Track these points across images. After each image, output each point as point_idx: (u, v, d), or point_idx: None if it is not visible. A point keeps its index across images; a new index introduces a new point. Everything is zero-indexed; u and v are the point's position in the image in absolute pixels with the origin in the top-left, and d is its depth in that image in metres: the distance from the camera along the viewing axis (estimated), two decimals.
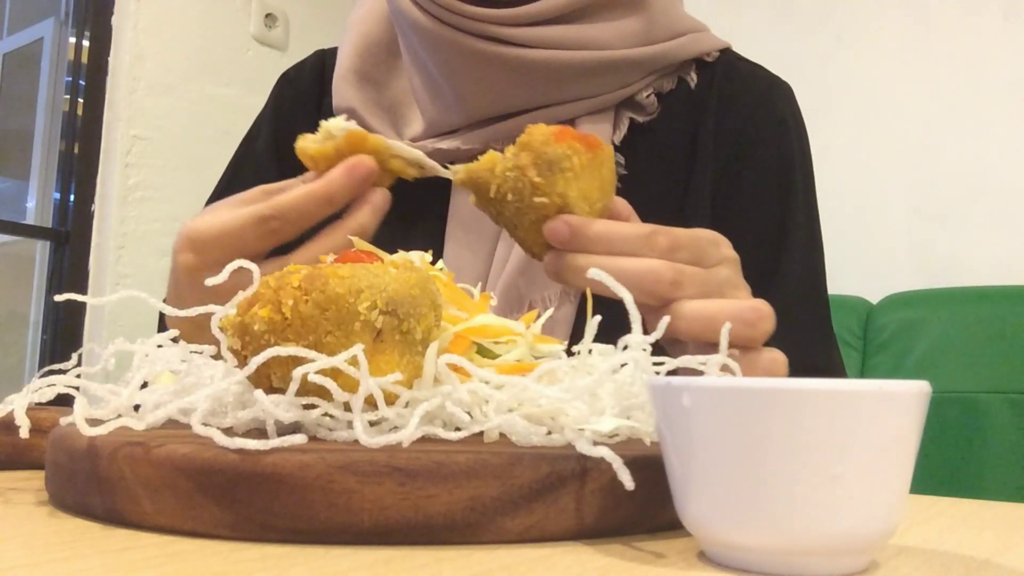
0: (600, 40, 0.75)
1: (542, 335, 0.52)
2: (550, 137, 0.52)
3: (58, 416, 0.43)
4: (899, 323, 1.85)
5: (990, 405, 1.69)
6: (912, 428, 0.31)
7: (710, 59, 0.81)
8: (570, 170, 0.51)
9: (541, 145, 0.51)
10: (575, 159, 0.51)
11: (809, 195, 0.81)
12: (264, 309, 0.38)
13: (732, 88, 0.81)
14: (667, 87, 0.80)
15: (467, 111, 0.77)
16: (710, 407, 0.31)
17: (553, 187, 0.51)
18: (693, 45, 0.80)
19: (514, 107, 0.76)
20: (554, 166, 0.51)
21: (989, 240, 2.05)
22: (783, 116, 0.81)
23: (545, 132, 0.52)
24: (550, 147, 0.51)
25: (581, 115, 0.77)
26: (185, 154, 2.40)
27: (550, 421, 0.40)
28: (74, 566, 0.29)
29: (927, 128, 2.15)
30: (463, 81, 0.76)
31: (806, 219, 0.79)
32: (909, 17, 2.20)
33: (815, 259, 0.79)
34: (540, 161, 0.51)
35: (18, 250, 2.62)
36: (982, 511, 0.51)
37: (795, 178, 0.80)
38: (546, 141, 0.51)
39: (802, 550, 0.30)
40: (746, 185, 0.78)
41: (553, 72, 0.74)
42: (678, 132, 0.79)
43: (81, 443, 0.37)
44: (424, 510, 0.33)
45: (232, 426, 0.38)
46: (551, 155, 0.51)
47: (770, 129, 0.80)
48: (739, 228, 0.75)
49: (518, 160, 0.52)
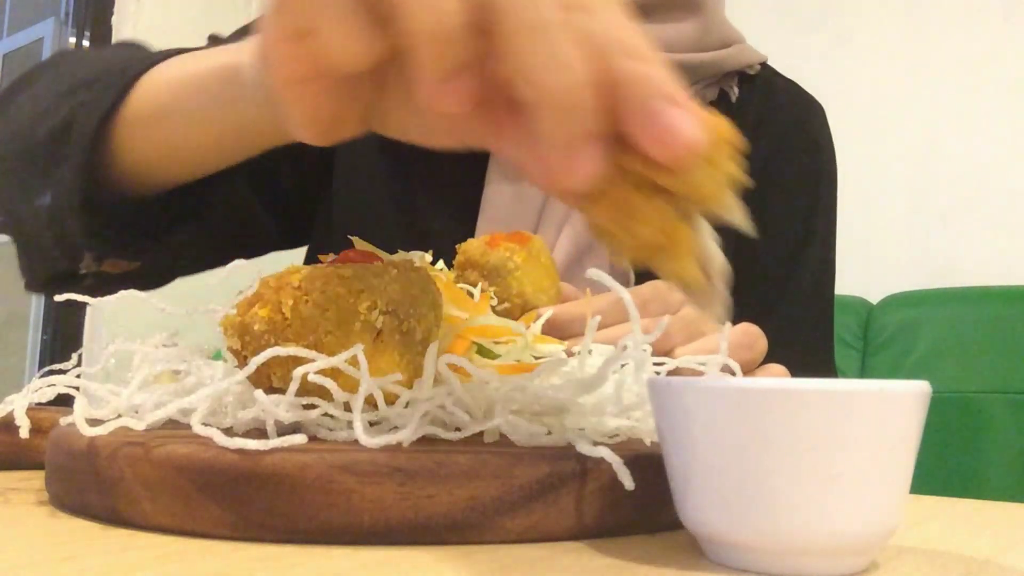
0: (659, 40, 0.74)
1: (542, 335, 0.52)
2: (484, 247, 0.55)
3: (58, 416, 0.43)
4: (899, 323, 1.85)
5: (990, 405, 1.69)
6: (911, 428, 0.31)
7: (752, 72, 0.80)
8: (516, 268, 0.54)
9: (480, 257, 0.55)
10: (515, 258, 0.55)
11: (830, 215, 0.82)
12: (264, 309, 0.38)
13: (769, 105, 0.80)
14: (709, 98, 0.78)
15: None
16: (710, 407, 0.31)
17: (509, 290, 0.54)
18: (740, 56, 0.79)
19: None
20: (500, 271, 0.54)
21: (989, 240, 2.05)
22: (816, 138, 0.82)
23: (479, 244, 0.55)
24: (490, 255, 0.54)
25: None
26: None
27: (550, 421, 0.40)
28: (74, 566, 0.29)
29: (927, 128, 2.15)
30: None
31: (824, 238, 0.80)
32: (909, 17, 2.20)
33: (826, 278, 0.81)
34: (487, 271, 0.54)
35: None
36: (982, 511, 0.51)
37: (821, 197, 0.80)
38: (484, 252, 0.55)
39: (802, 550, 0.30)
40: (772, 207, 0.78)
41: None
42: None
43: (81, 443, 0.37)
44: (424, 510, 0.33)
45: (232, 426, 0.38)
46: (493, 262, 0.54)
47: (802, 151, 0.80)
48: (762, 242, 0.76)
49: (466, 279, 0.55)
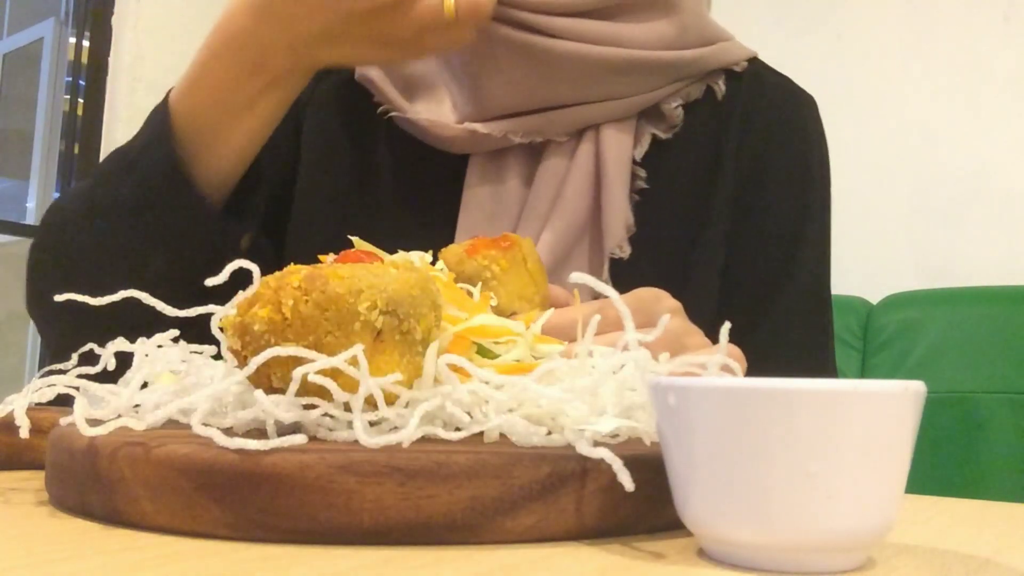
0: (633, 39, 0.73)
1: (542, 335, 0.52)
2: (462, 255, 0.54)
3: (58, 416, 0.43)
4: (899, 323, 1.85)
5: (990, 405, 1.69)
6: (905, 428, 0.31)
7: (739, 69, 0.79)
8: (493, 279, 0.54)
9: (457, 265, 0.54)
10: (493, 267, 0.54)
11: (825, 210, 0.81)
12: (264, 309, 0.38)
13: (758, 101, 0.79)
14: (694, 95, 0.78)
15: (486, 104, 0.74)
16: (710, 407, 0.31)
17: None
18: (723, 54, 0.78)
19: (536, 103, 0.74)
20: (474, 280, 0.53)
21: (989, 240, 2.05)
22: (806, 131, 0.81)
23: (457, 252, 0.54)
24: (465, 264, 0.54)
25: (602, 121, 0.74)
26: None
27: (550, 421, 0.40)
28: (74, 566, 0.29)
29: (927, 128, 2.15)
30: (485, 71, 0.73)
31: (819, 233, 0.80)
32: (909, 17, 2.20)
33: (823, 273, 0.80)
34: (463, 280, 0.53)
35: (18, 250, 2.62)
36: (982, 511, 0.51)
37: (814, 192, 0.80)
38: (460, 260, 0.54)
39: (798, 547, 0.31)
40: (766, 197, 0.78)
41: (581, 67, 0.72)
42: (702, 145, 0.77)
43: (81, 443, 0.37)
44: (424, 510, 0.33)
45: (232, 426, 0.38)
46: (468, 272, 0.53)
47: (793, 144, 0.80)
48: (754, 245, 0.76)
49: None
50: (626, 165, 0.74)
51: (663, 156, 0.77)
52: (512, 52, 0.71)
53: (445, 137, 0.75)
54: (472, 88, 0.74)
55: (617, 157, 0.73)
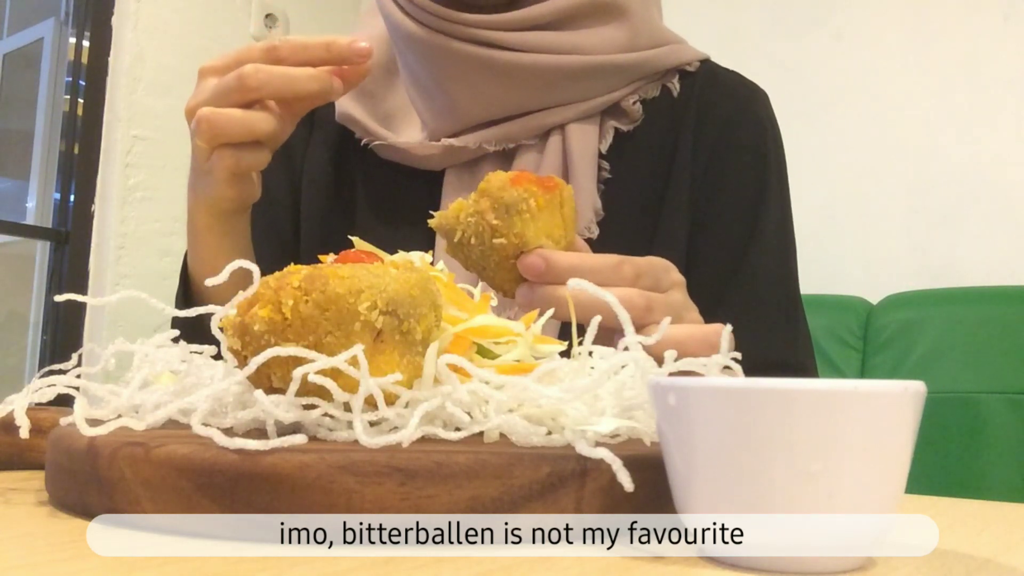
0: (587, 46, 0.79)
1: (542, 335, 0.52)
2: (507, 182, 0.55)
3: (58, 416, 0.43)
4: (899, 323, 1.85)
5: (990, 405, 1.69)
6: (904, 427, 0.31)
7: (692, 69, 0.85)
8: (527, 212, 0.55)
9: (498, 191, 0.55)
10: (531, 201, 0.55)
11: (783, 195, 0.85)
12: (264, 309, 0.38)
13: (713, 94, 0.84)
14: (651, 94, 0.83)
15: (459, 117, 0.80)
16: (710, 407, 0.31)
17: (511, 228, 0.55)
18: (675, 55, 0.84)
19: (505, 112, 0.79)
20: (511, 209, 0.55)
21: (989, 240, 2.05)
22: (760, 120, 0.85)
23: (502, 178, 0.56)
24: (506, 192, 0.55)
25: (569, 120, 0.80)
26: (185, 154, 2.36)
27: (550, 421, 0.40)
28: (74, 566, 0.29)
29: (927, 128, 2.15)
30: (455, 87, 0.78)
31: (779, 218, 0.83)
32: (909, 17, 2.20)
33: (786, 257, 0.83)
34: (498, 205, 0.55)
35: (18, 250, 2.62)
36: (982, 511, 0.51)
37: (770, 178, 0.84)
38: (503, 186, 0.55)
39: (798, 547, 0.30)
40: (724, 185, 0.82)
41: (543, 76, 0.77)
42: (661, 137, 0.83)
43: (81, 443, 0.37)
44: (424, 510, 0.33)
45: (232, 426, 0.38)
46: (507, 199, 0.55)
47: (748, 132, 0.84)
48: (715, 225, 0.79)
49: (478, 206, 0.55)
50: (592, 158, 0.79)
51: (625, 148, 0.82)
52: (478, 68, 0.77)
53: (424, 156, 0.81)
54: (444, 103, 0.80)
55: (583, 151, 0.79)
